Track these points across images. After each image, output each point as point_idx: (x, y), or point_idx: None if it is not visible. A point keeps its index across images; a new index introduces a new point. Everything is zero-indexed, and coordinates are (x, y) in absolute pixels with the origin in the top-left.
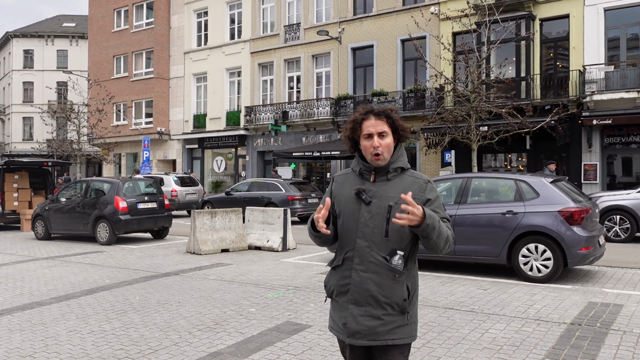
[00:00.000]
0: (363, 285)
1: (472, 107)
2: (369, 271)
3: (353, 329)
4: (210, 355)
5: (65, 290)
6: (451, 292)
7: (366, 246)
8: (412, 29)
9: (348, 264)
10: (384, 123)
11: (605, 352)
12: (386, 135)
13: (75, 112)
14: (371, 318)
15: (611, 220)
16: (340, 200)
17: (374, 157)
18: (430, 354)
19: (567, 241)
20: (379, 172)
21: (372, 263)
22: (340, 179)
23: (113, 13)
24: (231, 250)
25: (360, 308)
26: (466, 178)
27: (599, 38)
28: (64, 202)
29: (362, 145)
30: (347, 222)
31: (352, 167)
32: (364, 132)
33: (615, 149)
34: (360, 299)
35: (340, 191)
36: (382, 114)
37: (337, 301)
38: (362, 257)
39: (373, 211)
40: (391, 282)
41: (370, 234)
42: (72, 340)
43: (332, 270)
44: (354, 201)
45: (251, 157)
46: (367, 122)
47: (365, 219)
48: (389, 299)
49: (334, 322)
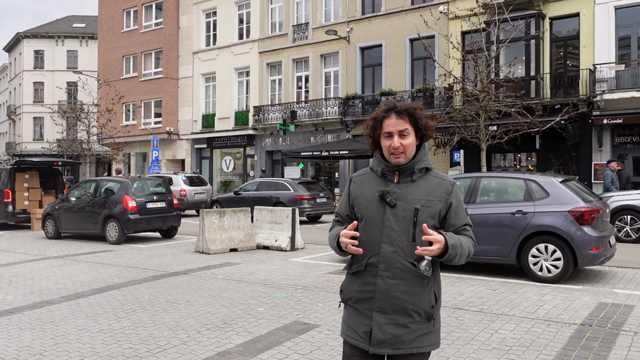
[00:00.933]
0: (390, 293)
1: (481, 107)
2: (396, 278)
3: (379, 338)
4: (218, 355)
5: (75, 289)
6: (460, 292)
7: (392, 251)
8: (420, 28)
9: (372, 270)
10: (406, 122)
11: (616, 353)
12: (408, 135)
13: (85, 112)
14: (397, 326)
15: (622, 220)
16: (361, 203)
17: (393, 156)
18: (439, 354)
19: (578, 241)
20: (403, 172)
21: (399, 269)
22: (359, 179)
23: (122, 13)
24: (240, 250)
25: (386, 316)
26: (475, 178)
27: (610, 36)
28: (73, 202)
29: (382, 144)
30: (370, 226)
31: (372, 167)
32: (384, 130)
33: (626, 149)
34: (387, 306)
35: (360, 193)
36: (404, 112)
37: (356, 308)
38: (388, 263)
39: (399, 214)
40: (419, 289)
41: (396, 238)
42: (82, 339)
43: (351, 275)
44: (377, 204)
45: (259, 156)
46: (388, 121)
47: (391, 223)
48: (417, 307)
49: (351, 329)
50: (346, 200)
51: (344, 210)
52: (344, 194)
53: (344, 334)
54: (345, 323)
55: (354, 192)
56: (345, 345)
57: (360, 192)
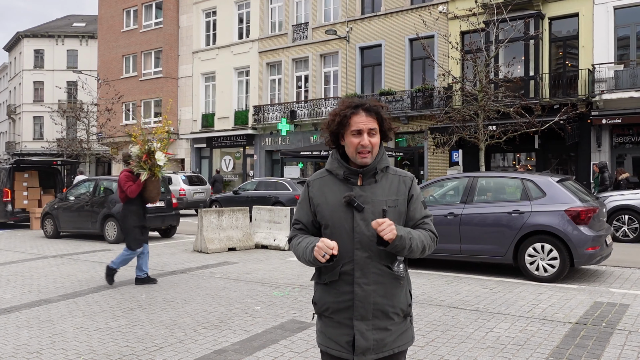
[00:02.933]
0: (369, 299)
1: (480, 107)
2: (373, 283)
3: (363, 346)
4: (215, 353)
5: (72, 287)
6: (456, 291)
7: (367, 257)
8: (420, 28)
9: (347, 279)
10: (374, 120)
11: (610, 351)
12: (375, 134)
13: (85, 112)
14: (379, 331)
15: (620, 220)
16: (324, 210)
17: (360, 154)
18: (434, 352)
19: (574, 241)
20: (366, 174)
21: (375, 274)
22: (317, 184)
23: (122, 13)
24: (238, 249)
25: (367, 322)
26: (472, 177)
27: (609, 37)
28: (72, 201)
29: (348, 141)
30: (339, 233)
31: (330, 169)
32: (353, 127)
33: (625, 149)
34: (367, 313)
35: (322, 199)
36: (372, 110)
37: (333, 318)
38: (364, 269)
39: (368, 218)
40: (396, 290)
41: (368, 243)
42: (79, 337)
43: (323, 286)
44: (344, 209)
45: (259, 156)
46: (357, 118)
47: (361, 228)
48: (396, 308)
49: (331, 340)
50: (307, 207)
51: (305, 217)
52: (302, 199)
53: (322, 345)
54: (323, 334)
55: (314, 198)
56: (324, 356)
57: (321, 199)
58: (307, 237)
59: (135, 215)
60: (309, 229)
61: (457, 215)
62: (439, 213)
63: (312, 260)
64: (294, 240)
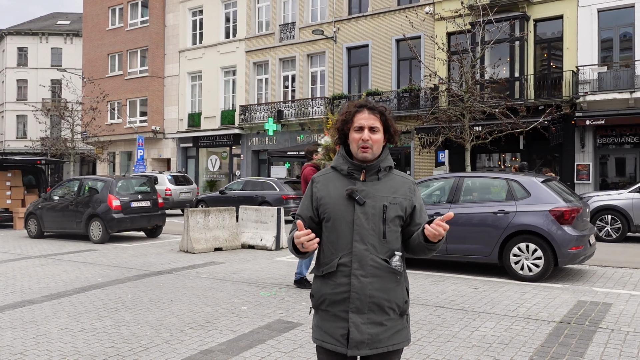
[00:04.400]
0: (365, 291)
1: (465, 107)
2: (370, 275)
3: (357, 339)
4: (201, 353)
5: (57, 288)
6: (442, 290)
7: (365, 249)
8: (406, 29)
9: (345, 270)
10: (376, 119)
11: (593, 350)
12: (377, 131)
13: (69, 110)
14: (374, 325)
15: (603, 220)
16: (327, 203)
17: (361, 149)
18: (420, 351)
19: (558, 240)
20: (369, 170)
21: (373, 267)
22: (322, 179)
23: (108, 11)
24: (224, 249)
25: (362, 316)
26: (458, 177)
27: (593, 39)
28: (57, 201)
29: (351, 137)
30: (339, 226)
31: (335, 166)
32: (355, 124)
33: (608, 150)
34: (363, 306)
35: (325, 193)
36: (376, 110)
37: (329, 311)
38: (361, 262)
39: (368, 212)
40: (393, 285)
41: (367, 236)
42: (64, 338)
43: (321, 278)
44: (345, 202)
45: (246, 156)
46: (360, 115)
47: (361, 221)
48: (392, 303)
49: (326, 334)
50: (309, 202)
51: (305, 212)
52: (306, 196)
53: (318, 340)
54: (319, 328)
55: (318, 192)
56: (319, 352)
57: (325, 192)
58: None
59: None
60: (308, 225)
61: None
62: None
63: (292, 250)
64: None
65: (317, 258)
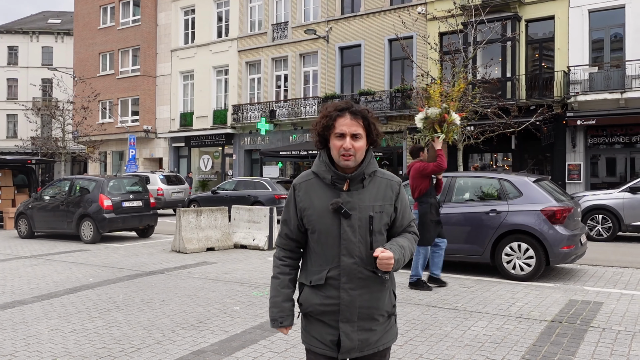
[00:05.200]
0: (354, 303)
1: (458, 107)
2: (358, 288)
3: (348, 346)
4: (193, 354)
5: (48, 288)
6: (435, 290)
7: (352, 263)
8: (399, 29)
9: (334, 283)
10: (359, 125)
11: (585, 349)
12: (360, 138)
13: (60, 110)
14: (364, 331)
15: (594, 219)
16: (311, 215)
17: (343, 157)
18: (412, 351)
19: (550, 240)
20: (354, 180)
21: (361, 279)
22: (303, 187)
23: (99, 10)
24: (217, 249)
25: (352, 324)
26: (451, 177)
27: (584, 39)
28: (47, 201)
29: (332, 143)
30: (325, 239)
31: (317, 172)
32: (337, 130)
33: (599, 149)
34: (352, 316)
35: (308, 204)
36: (358, 114)
37: (318, 319)
38: (350, 275)
39: (354, 224)
40: (381, 294)
41: (355, 249)
42: (54, 339)
43: (310, 288)
44: (331, 216)
45: (238, 155)
46: (342, 120)
47: (348, 234)
48: (381, 310)
49: (315, 339)
50: (293, 210)
51: (292, 221)
52: (288, 202)
53: (307, 343)
54: (308, 332)
55: (301, 202)
56: (309, 353)
57: (308, 203)
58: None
59: (435, 209)
60: (295, 234)
61: None
62: None
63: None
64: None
65: (303, 265)
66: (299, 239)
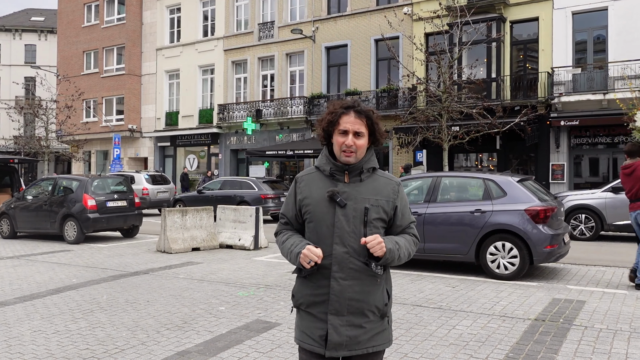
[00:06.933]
0: (344, 294)
1: (443, 107)
2: (350, 278)
3: (335, 341)
4: (178, 354)
5: (30, 289)
6: (420, 289)
7: (345, 252)
8: (385, 29)
9: (325, 272)
10: (362, 123)
11: (567, 347)
12: (362, 136)
13: (44, 108)
14: (353, 327)
15: (577, 219)
16: (309, 204)
17: (344, 153)
18: (397, 350)
19: (533, 239)
20: (352, 172)
21: (352, 270)
22: (305, 179)
23: (83, 8)
24: (202, 249)
25: (342, 318)
26: (436, 177)
27: (567, 41)
28: (30, 200)
29: (335, 139)
30: (320, 228)
31: (318, 166)
32: (341, 127)
33: (582, 150)
34: (342, 308)
35: (307, 193)
36: (363, 113)
37: (310, 312)
38: (341, 264)
39: (349, 214)
40: (372, 288)
41: (348, 238)
42: (37, 340)
43: (302, 279)
44: (327, 204)
45: (224, 155)
46: (346, 118)
47: (342, 223)
48: (371, 306)
49: (305, 334)
50: (292, 202)
51: (290, 211)
52: (290, 195)
53: (298, 339)
54: (299, 328)
55: (301, 192)
56: (300, 352)
57: (307, 192)
58: (293, 236)
59: None
60: (293, 224)
61: (420, 214)
62: None
63: (297, 264)
64: (280, 237)
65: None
66: (297, 228)
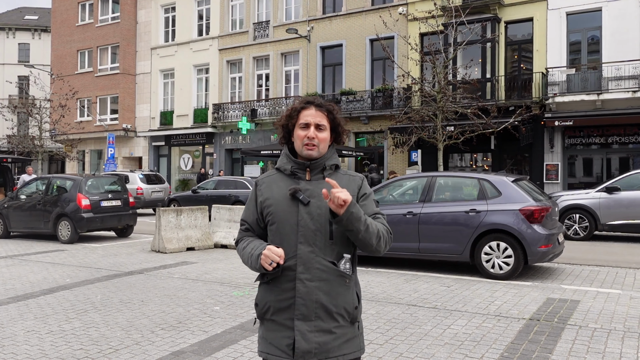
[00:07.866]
0: (311, 296)
1: (438, 107)
2: (316, 279)
3: (303, 348)
4: (172, 354)
5: (23, 289)
6: (415, 289)
7: (310, 251)
8: (380, 29)
9: (289, 275)
10: (323, 116)
11: (562, 346)
12: (324, 129)
13: (37, 108)
14: (322, 333)
15: (571, 218)
16: (271, 205)
17: (306, 147)
18: (392, 350)
19: (528, 239)
20: (314, 169)
21: (319, 270)
22: (265, 181)
23: (77, 6)
24: (197, 249)
25: (309, 323)
26: (431, 177)
27: (561, 41)
28: (24, 200)
29: (296, 134)
30: (283, 228)
31: (279, 167)
32: (301, 120)
33: (576, 150)
34: (309, 312)
35: (268, 194)
36: (323, 107)
37: (275, 320)
38: (306, 264)
39: (313, 212)
40: (342, 290)
41: (313, 237)
42: (30, 340)
43: (265, 285)
44: (289, 203)
45: (219, 155)
46: (306, 112)
47: (306, 222)
48: (340, 308)
49: (272, 345)
50: (253, 205)
51: (250, 216)
52: (250, 199)
53: (263, 352)
54: (264, 340)
55: (262, 194)
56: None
57: (268, 194)
58: (253, 241)
59: None
60: (254, 229)
61: (415, 214)
62: (398, 212)
63: (258, 268)
64: (240, 244)
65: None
66: (259, 234)
